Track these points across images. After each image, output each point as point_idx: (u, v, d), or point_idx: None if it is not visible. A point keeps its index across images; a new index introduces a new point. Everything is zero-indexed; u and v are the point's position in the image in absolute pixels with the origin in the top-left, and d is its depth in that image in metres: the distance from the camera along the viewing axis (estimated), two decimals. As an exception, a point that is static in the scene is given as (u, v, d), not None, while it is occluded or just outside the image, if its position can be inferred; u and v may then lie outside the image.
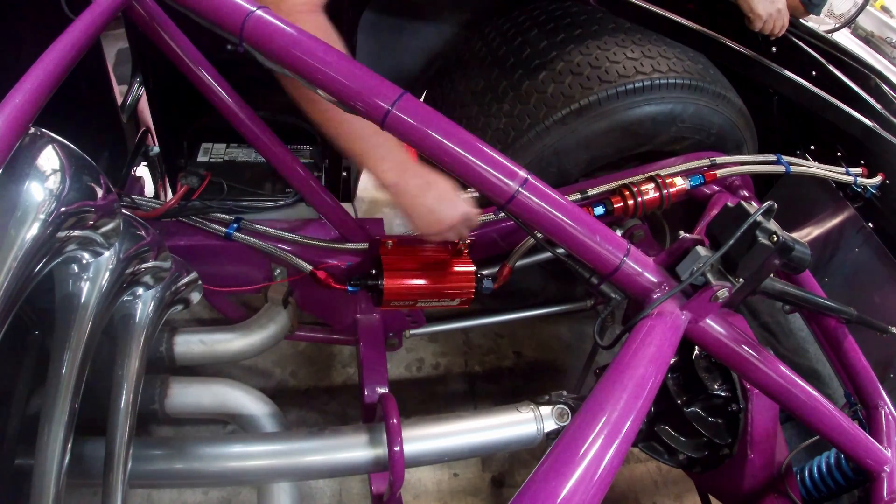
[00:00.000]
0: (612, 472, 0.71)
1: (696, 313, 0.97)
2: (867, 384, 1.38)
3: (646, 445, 1.38)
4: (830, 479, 1.30)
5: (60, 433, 0.82)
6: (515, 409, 1.25)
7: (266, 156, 1.40)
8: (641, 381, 0.83)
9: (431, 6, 1.85)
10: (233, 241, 1.40)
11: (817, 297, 1.33)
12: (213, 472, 1.12)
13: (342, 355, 2.17)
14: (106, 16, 0.95)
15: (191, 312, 2.10)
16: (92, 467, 1.03)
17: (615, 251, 0.97)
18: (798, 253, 0.95)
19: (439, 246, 1.37)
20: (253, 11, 0.97)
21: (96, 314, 0.88)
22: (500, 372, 2.24)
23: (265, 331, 1.48)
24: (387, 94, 0.93)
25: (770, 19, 1.59)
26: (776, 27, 1.62)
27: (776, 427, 1.29)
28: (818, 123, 1.77)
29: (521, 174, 0.92)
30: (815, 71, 1.73)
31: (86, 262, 0.88)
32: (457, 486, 1.90)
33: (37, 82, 0.74)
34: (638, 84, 1.50)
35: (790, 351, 1.75)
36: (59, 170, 0.74)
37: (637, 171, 1.57)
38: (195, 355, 1.41)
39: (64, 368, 0.84)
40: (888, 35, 4.06)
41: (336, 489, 1.82)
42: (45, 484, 0.80)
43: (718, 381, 1.29)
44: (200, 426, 1.83)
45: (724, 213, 0.99)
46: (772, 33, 1.64)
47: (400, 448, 1.11)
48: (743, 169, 1.63)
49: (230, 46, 1.02)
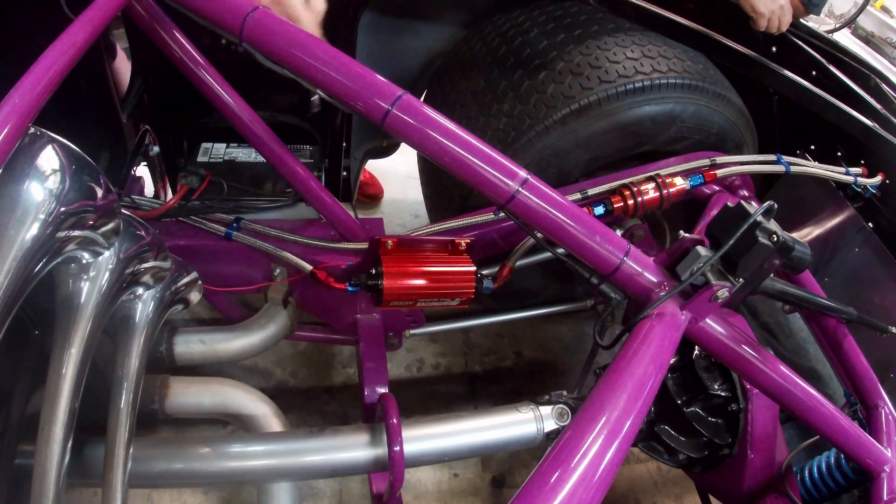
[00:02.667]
0: (612, 472, 0.71)
1: (696, 313, 0.97)
2: (867, 384, 1.38)
3: (646, 445, 1.38)
4: (830, 479, 1.30)
5: (60, 433, 0.82)
6: (515, 409, 1.25)
7: (266, 156, 1.40)
8: (641, 381, 0.83)
9: (431, 6, 1.85)
10: (233, 241, 1.40)
11: (817, 297, 1.33)
12: (213, 472, 1.11)
13: (342, 355, 2.17)
14: (106, 16, 0.95)
15: (191, 312, 2.10)
16: (92, 467, 1.03)
17: (615, 251, 0.97)
18: (798, 253, 0.95)
19: (438, 246, 1.37)
20: (253, 11, 0.97)
21: (96, 314, 0.88)
22: (500, 372, 2.24)
23: (265, 331, 1.48)
24: (387, 94, 0.93)
25: (773, 16, 1.58)
26: (781, 24, 1.61)
27: (776, 427, 1.29)
28: (818, 123, 1.77)
29: (520, 174, 0.92)
30: (815, 71, 1.73)
31: (86, 261, 0.88)
32: (457, 486, 1.89)
33: (37, 82, 0.74)
34: (638, 84, 1.50)
35: (790, 351, 1.75)
36: (59, 170, 0.74)
37: (637, 171, 1.57)
38: (195, 355, 1.41)
39: (64, 368, 0.84)
40: (888, 35, 4.06)
41: (336, 489, 1.81)
42: (45, 484, 0.80)
43: (718, 381, 1.29)
44: (200, 426, 1.83)
45: (724, 213, 0.99)
46: (778, 29, 1.62)
47: (400, 448, 1.11)
48: (743, 169, 1.63)
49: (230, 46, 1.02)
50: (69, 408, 0.83)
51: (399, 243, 1.35)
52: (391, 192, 2.92)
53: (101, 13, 0.93)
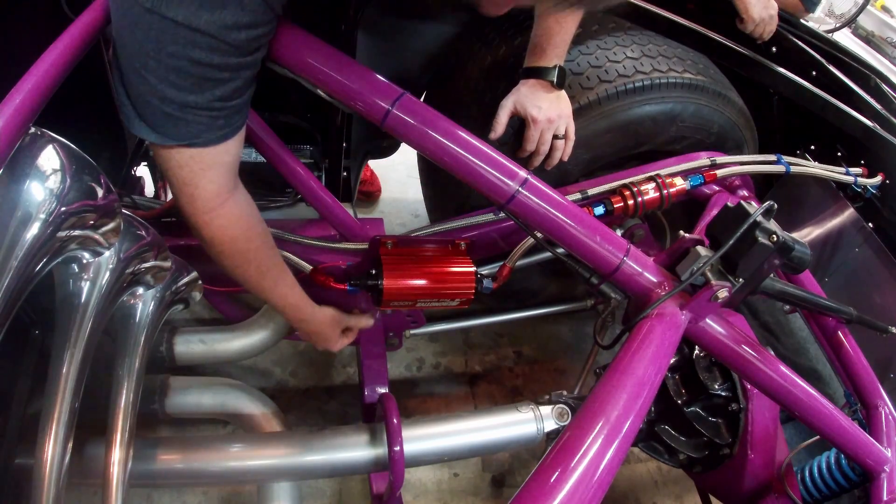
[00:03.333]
0: (612, 471, 0.71)
1: (696, 313, 0.97)
2: (867, 384, 1.38)
3: (646, 445, 1.38)
4: (830, 479, 1.30)
5: (60, 433, 0.82)
6: (515, 409, 1.25)
7: (266, 156, 1.40)
8: (641, 381, 0.83)
9: (432, 6, 1.85)
10: (233, 241, 1.40)
11: (817, 297, 1.33)
12: (213, 472, 1.12)
13: (342, 355, 2.17)
14: (106, 16, 0.95)
15: (191, 312, 2.10)
16: (92, 467, 1.03)
17: (615, 251, 0.97)
18: (798, 253, 0.95)
19: (438, 246, 1.37)
20: (253, 11, 0.97)
21: (96, 314, 0.88)
22: (500, 372, 2.24)
23: (265, 331, 1.48)
24: (387, 94, 0.93)
25: (762, 23, 1.63)
26: (765, 33, 1.66)
27: (776, 427, 1.29)
28: (818, 123, 1.77)
29: (520, 174, 0.92)
30: (815, 71, 1.73)
31: (86, 261, 0.88)
32: (457, 486, 1.89)
33: (37, 82, 0.75)
34: (638, 83, 1.50)
35: (790, 351, 1.75)
36: (60, 170, 0.74)
37: (637, 171, 1.57)
38: (195, 355, 1.42)
39: (64, 368, 0.84)
40: (888, 35, 4.06)
41: (336, 489, 1.81)
42: (45, 484, 0.80)
43: (718, 381, 1.29)
44: (200, 426, 1.83)
45: (724, 213, 0.99)
46: (760, 37, 1.67)
47: (400, 448, 1.11)
48: (743, 169, 1.63)
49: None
50: (69, 408, 0.83)
51: (399, 243, 1.35)
52: (391, 191, 2.92)
53: (101, 13, 0.93)
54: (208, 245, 0.98)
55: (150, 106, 0.79)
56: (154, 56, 0.73)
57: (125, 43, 0.75)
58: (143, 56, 0.74)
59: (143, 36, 0.72)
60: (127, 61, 0.77)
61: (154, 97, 0.78)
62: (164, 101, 0.78)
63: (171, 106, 0.78)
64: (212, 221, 0.93)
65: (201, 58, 0.74)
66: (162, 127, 0.81)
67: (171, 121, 0.80)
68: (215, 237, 0.96)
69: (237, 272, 1.04)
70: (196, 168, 0.86)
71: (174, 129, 0.81)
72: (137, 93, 0.80)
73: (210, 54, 0.74)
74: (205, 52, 0.73)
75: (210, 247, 0.98)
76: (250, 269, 1.04)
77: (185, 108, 0.79)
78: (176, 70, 0.75)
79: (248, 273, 1.05)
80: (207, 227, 0.94)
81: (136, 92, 0.80)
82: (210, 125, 0.82)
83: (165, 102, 0.78)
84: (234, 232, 0.97)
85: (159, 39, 0.72)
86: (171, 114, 0.79)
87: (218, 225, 0.94)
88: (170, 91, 0.77)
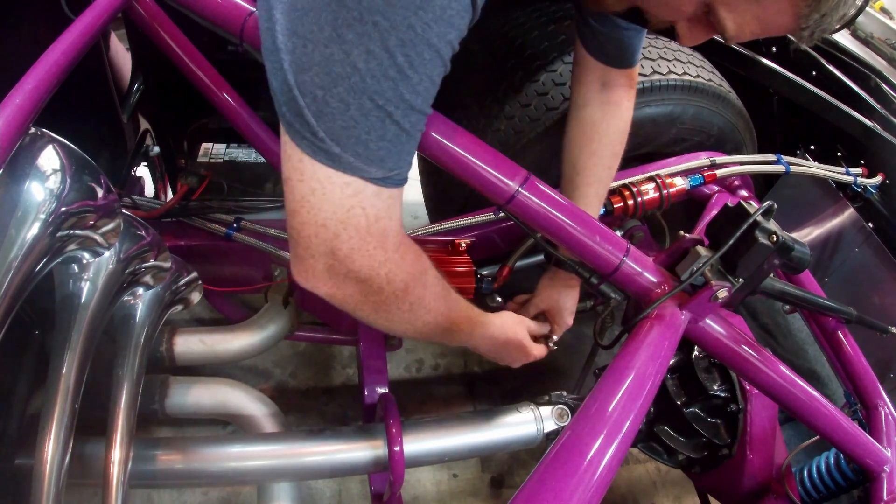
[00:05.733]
0: (611, 472, 0.71)
1: (696, 313, 0.97)
2: (867, 384, 1.38)
3: (645, 446, 1.38)
4: (830, 480, 1.30)
5: (60, 433, 0.82)
6: (515, 410, 1.25)
7: (266, 156, 1.40)
8: (641, 382, 0.83)
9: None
10: (233, 242, 1.40)
11: (817, 297, 1.33)
12: (213, 472, 1.11)
13: (342, 355, 2.17)
14: (106, 16, 0.95)
15: (191, 312, 2.10)
16: (92, 467, 1.03)
17: (615, 251, 0.97)
18: (798, 253, 0.95)
19: (438, 246, 1.37)
20: (253, 12, 0.97)
21: (96, 314, 0.89)
22: (500, 372, 2.24)
23: (265, 331, 1.48)
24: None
25: None
26: None
27: (776, 427, 1.29)
28: (818, 123, 1.77)
29: (521, 174, 0.91)
30: (815, 71, 1.73)
31: (86, 261, 0.88)
32: (456, 486, 1.89)
33: (37, 82, 0.75)
34: (638, 86, 1.50)
35: (790, 351, 1.75)
36: (60, 170, 0.74)
37: (637, 171, 1.57)
38: (195, 355, 1.41)
39: (64, 368, 0.84)
40: (888, 36, 4.05)
41: (336, 489, 1.82)
42: (45, 484, 0.80)
43: (718, 382, 1.29)
44: (200, 426, 1.83)
45: (723, 213, 0.98)
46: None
47: (400, 448, 1.11)
48: (743, 169, 1.63)
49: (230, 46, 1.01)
50: (69, 408, 0.83)
51: (399, 243, 1.34)
52: (391, 192, 2.92)
53: (101, 13, 0.93)
54: (403, 290, 0.77)
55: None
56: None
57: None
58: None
59: None
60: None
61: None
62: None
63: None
64: (404, 256, 0.76)
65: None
66: (385, 157, 0.68)
67: (400, 144, 0.67)
68: (411, 272, 0.78)
69: (427, 303, 0.83)
70: (396, 196, 0.73)
71: (397, 157, 0.69)
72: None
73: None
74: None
75: (406, 291, 0.78)
76: (437, 289, 0.86)
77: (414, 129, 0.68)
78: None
79: (432, 301, 0.85)
80: (400, 264, 0.76)
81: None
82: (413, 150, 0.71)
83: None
84: (417, 256, 0.81)
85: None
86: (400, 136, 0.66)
87: (410, 260, 0.78)
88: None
